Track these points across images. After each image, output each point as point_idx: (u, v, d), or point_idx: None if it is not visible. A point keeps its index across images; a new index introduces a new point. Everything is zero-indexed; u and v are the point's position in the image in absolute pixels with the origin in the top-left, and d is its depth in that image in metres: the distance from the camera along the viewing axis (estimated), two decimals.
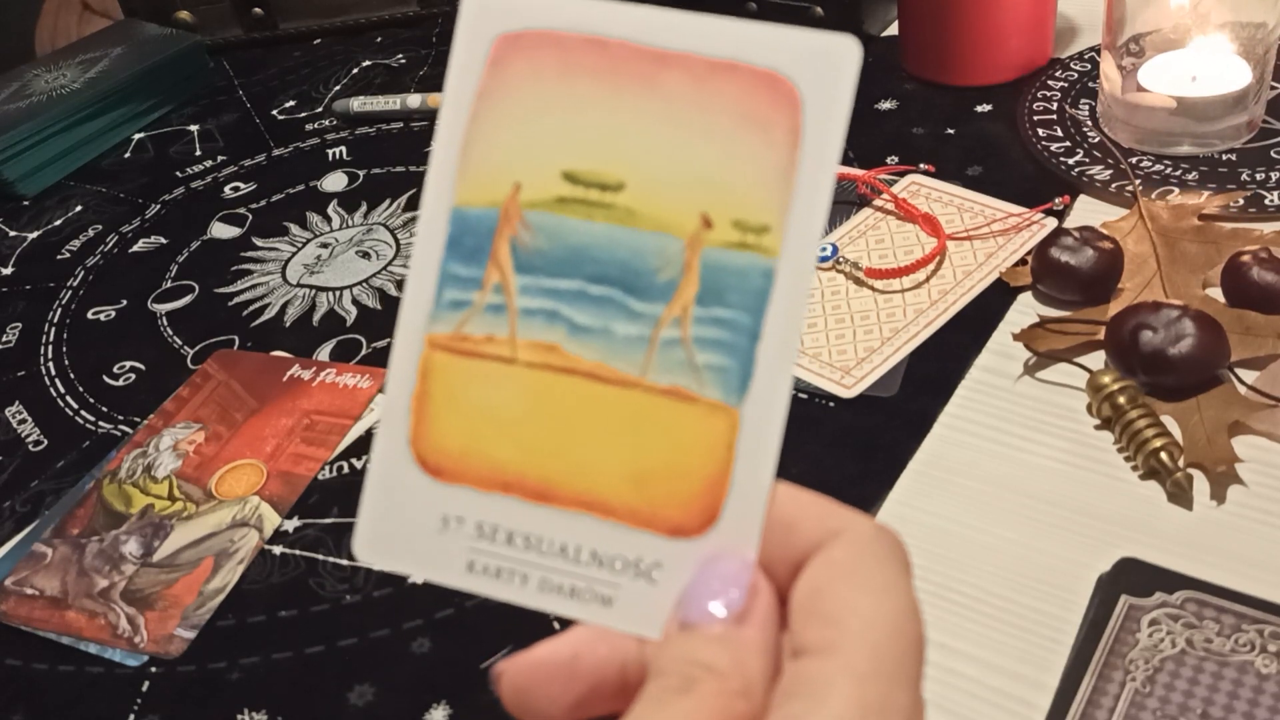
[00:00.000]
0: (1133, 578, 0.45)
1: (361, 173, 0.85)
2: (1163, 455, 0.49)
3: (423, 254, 0.25)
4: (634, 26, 0.25)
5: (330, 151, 0.88)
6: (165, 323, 0.73)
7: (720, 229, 0.24)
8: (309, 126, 0.92)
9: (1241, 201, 0.63)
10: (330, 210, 0.81)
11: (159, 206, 0.85)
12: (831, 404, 0.57)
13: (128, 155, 0.93)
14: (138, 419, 0.65)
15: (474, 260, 0.25)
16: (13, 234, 0.85)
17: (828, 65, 0.24)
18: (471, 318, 0.25)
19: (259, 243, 0.79)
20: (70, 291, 0.78)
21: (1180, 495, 0.49)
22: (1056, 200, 0.66)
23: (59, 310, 0.76)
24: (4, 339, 0.74)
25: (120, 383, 0.69)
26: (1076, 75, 0.77)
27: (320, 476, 0.59)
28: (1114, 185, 0.66)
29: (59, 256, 0.82)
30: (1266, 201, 0.63)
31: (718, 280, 0.24)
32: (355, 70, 0.99)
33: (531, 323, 0.25)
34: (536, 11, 0.25)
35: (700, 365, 0.24)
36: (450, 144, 0.25)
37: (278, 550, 0.55)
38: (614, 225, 0.25)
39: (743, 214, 0.24)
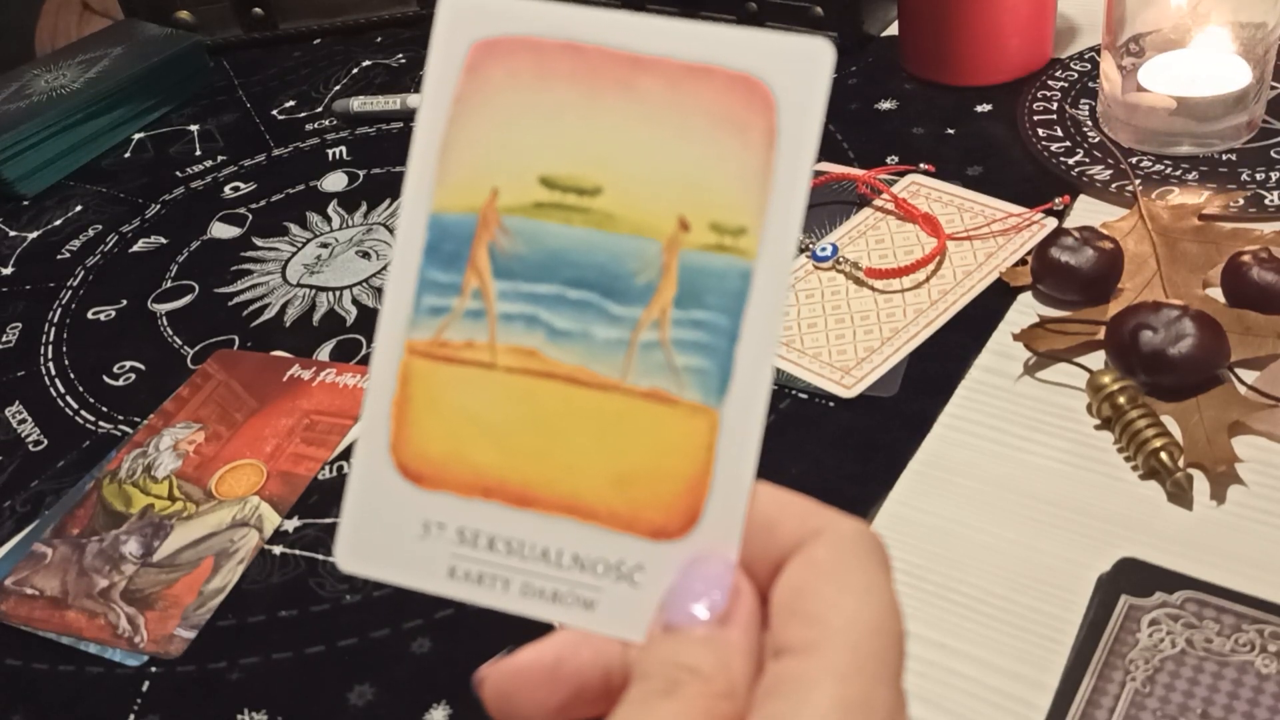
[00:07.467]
0: (1133, 578, 0.45)
1: (361, 173, 0.85)
2: (1163, 455, 0.49)
3: (401, 260, 0.26)
4: (609, 31, 0.25)
5: (330, 151, 0.88)
6: (165, 323, 0.73)
7: (698, 231, 0.24)
8: (309, 126, 0.92)
9: (1241, 201, 0.63)
10: (330, 210, 0.81)
11: (159, 206, 0.85)
12: (831, 404, 0.57)
13: (128, 155, 0.93)
14: (138, 419, 0.65)
15: (452, 266, 0.25)
16: (13, 234, 0.85)
17: (802, 67, 0.24)
18: (451, 323, 0.25)
19: (259, 243, 0.79)
20: (70, 291, 0.78)
21: (1180, 495, 0.49)
22: (1056, 200, 0.66)
23: (59, 310, 0.76)
24: (4, 339, 0.74)
25: (120, 383, 0.69)
26: (1076, 75, 0.77)
27: (320, 476, 0.59)
28: (1114, 185, 0.66)
29: (59, 256, 0.82)
30: (1266, 201, 0.63)
31: (696, 282, 0.24)
32: (355, 70, 0.99)
33: (511, 327, 0.25)
34: (512, 17, 0.25)
35: (680, 367, 0.24)
36: (428, 150, 0.25)
37: (278, 550, 0.55)
38: (592, 229, 0.25)
39: (720, 216, 0.24)
